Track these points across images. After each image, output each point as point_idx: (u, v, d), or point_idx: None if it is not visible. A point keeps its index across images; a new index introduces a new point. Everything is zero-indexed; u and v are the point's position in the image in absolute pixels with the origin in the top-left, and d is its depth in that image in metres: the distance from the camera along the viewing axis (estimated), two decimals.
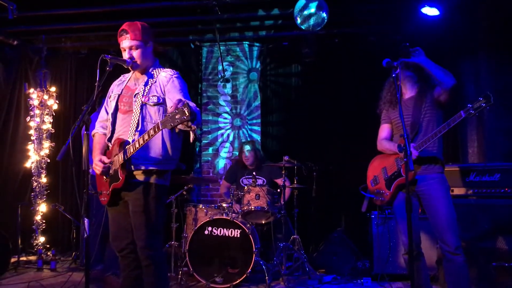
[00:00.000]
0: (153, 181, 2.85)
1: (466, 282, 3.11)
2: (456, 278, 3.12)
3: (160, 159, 2.85)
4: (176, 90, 2.86)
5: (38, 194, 6.00)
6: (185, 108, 2.35)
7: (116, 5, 5.26)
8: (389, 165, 3.39)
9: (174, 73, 2.97)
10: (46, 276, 4.95)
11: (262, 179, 5.44)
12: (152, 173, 2.85)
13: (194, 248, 4.50)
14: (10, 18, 4.74)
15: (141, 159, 2.83)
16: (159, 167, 2.85)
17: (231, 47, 6.50)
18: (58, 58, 6.68)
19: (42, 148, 6.05)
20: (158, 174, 2.87)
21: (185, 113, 2.34)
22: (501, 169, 3.95)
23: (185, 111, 2.34)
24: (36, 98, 6.08)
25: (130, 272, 2.96)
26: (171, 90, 2.86)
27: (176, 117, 2.38)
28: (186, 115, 2.34)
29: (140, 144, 2.69)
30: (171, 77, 2.92)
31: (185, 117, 2.34)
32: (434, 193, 3.17)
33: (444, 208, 3.12)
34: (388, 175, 3.38)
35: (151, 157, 2.84)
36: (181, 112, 2.36)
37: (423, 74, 3.28)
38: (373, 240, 4.80)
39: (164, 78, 2.92)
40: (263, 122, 6.47)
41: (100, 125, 3.10)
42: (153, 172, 2.85)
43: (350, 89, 6.03)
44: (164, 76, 2.93)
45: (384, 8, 5.32)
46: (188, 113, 2.34)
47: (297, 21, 4.91)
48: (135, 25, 2.92)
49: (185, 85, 2.97)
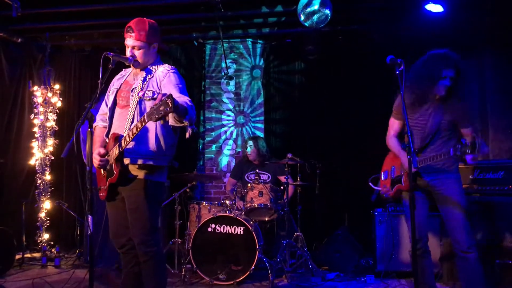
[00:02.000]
0: (146, 177, 2.86)
1: (480, 278, 3.10)
2: (470, 275, 3.12)
3: (153, 154, 2.85)
4: (171, 85, 2.86)
5: (42, 192, 6.01)
6: (168, 99, 2.34)
7: (120, 3, 5.26)
8: (397, 167, 3.40)
9: (171, 68, 2.97)
10: (50, 273, 4.97)
11: (267, 175, 5.45)
12: (145, 168, 2.86)
13: (197, 245, 4.51)
14: (14, 15, 4.75)
15: (134, 153, 2.84)
16: (152, 162, 2.85)
17: (234, 44, 6.49)
18: (62, 55, 6.69)
19: (46, 145, 6.06)
20: (151, 170, 2.87)
21: (168, 104, 2.34)
22: (505, 167, 3.93)
23: (168, 102, 2.34)
24: (40, 96, 6.09)
25: (131, 268, 2.98)
26: (167, 85, 2.86)
27: (160, 108, 2.37)
28: (169, 106, 2.33)
29: (130, 138, 2.70)
30: (168, 72, 2.92)
31: (168, 108, 2.34)
32: (449, 193, 3.16)
33: (459, 208, 3.12)
34: (394, 176, 3.39)
35: (144, 151, 2.85)
36: (165, 104, 2.35)
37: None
38: (376, 238, 4.80)
39: (160, 73, 2.93)
40: (266, 119, 6.47)
41: (100, 118, 3.12)
42: (146, 167, 2.86)
43: (353, 86, 6.01)
44: (161, 71, 2.93)
45: (388, 5, 5.30)
46: (171, 104, 2.33)
47: (301, 18, 4.90)
48: (143, 24, 2.90)
49: (182, 80, 2.96)
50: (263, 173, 5.46)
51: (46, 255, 5.45)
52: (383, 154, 5.58)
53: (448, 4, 4.95)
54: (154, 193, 2.90)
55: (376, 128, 4.63)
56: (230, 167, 6.32)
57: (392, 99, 3.50)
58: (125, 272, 3.03)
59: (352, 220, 5.77)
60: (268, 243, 5.04)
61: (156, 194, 2.93)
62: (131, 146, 2.82)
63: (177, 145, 3.06)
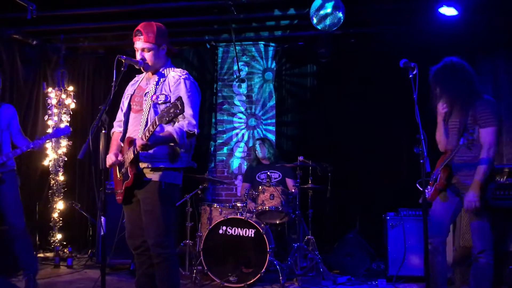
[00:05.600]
0: (161, 179, 2.87)
1: (487, 284, 3.17)
2: (478, 278, 3.22)
3: (167, 157, 2.87)
4: (181, 94, 2.86)
5: (55, 192, 6.08)
6: (178, 101, 2.41)
7: (133, 5, 5.29)
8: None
9: (182, 74, 2.97)
10: (62, 273, 5.02)
11: (277, 173, 5.45)
12: (160, 171, 2.88)
13: (208, 247, 4.52)
14: (29, 18, 4.80)
15: (149, 157, 2.86)
16: (166, 165, 2.87)
17: (246, 47, 6.50)
18: (76, 57, 6.76)
19: (59, 146, 6.13)
20: (166, 172, 2.89)
21: (178, 107, 2.41)
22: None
23: (178, 105, 2.41)
24: (54, 97, 6.17)
25: (145, 270, 3.00)
26: (176, 93, 2.88)
27: (171, 111, 2.43)
28: (179, 108, 2.41)
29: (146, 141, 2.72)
30: (179, 78, 2.93)
31: (178, 110, 2.41)
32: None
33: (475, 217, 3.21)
34: (433, 177, 3.41)
35: (158, 154, 2.86)
36: (175, 106, 2.42)
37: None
38: (388, 242, 4.77)
39: (172, 78, 2.94)
40: (277, 122, 6.47)
41: (117, 124, 3.16)
42: (161, 170, 2.87)
43: (366, 89, 5.98)
44: (172, 76, 2.95)
45: (401, 8, 5.26)
46: (180, 106, 2.41)
47: (313, 21, 4.89)
48: (151, 26, 2.93)
49: (193, 85, 2.96)
50: (274, 171, 5.46)
51: (58, 255, 5.50)
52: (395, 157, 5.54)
53: (461, 7, 4.91)
54: (169, 195, 2.92)
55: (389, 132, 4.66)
56: (241, 170, 6.33)
57: (405, 102, 3.48)
58: (139, 274, 3.06)
59: (364, 224, 5.74)
60: (279, 246, 5.03)
61: (170, 196, 2.94)
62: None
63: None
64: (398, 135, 5.84)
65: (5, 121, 4.16)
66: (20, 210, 4.17)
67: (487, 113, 3.17)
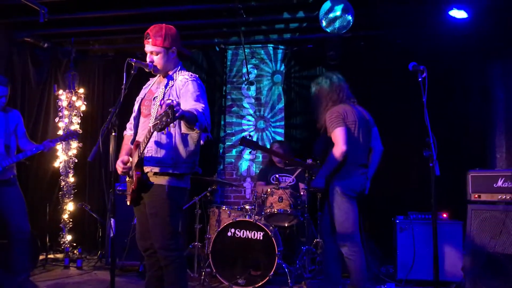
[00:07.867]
0: (166, 183, 2.88)
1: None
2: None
3: (170, 163, 2.88)
4: (188, 93, 2.88)
5: (65, 193, 6.13)
6: (169, 109, 2.38)
7: (143, 8, 5.33)
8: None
9: (190, 76, 2.97)
10: (72, 274, 5.05)
11: (291, 177, 5.45)
12: (164, 176, 2.89)
13: (217, 250, 4.53)
14: (41, 21, 4.86)
15: (153, 162, 2.88)
16: (170, 170, 2.88)
17: (255, 50, 6.52)
18: (87, 60, 6.83)
19: (70, 148, 6.18)
20: (171, 177, 2.90)
21: (169, 115, 2.39)
22: None
23: (169, 113, 2.39)
24: (65, 100, 6.22)
25: (155, 272, 3.02)
26: (184, 94, 2.89)
27: (163, 119, 2.42)
28: (169, 117, 2.38)
29: (143, 147, 2.79)
30: (187, 81, 2.93)
31: (169, 119, 2.39)
32: None
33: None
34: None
35: (162, 159, 2.88)
36: (166, 114, 2.40)
37: None
38: (397, 245, 4.74)
39: (180, 82, 2.95)
40: (286, 124, 6.47)
41: (129, 127, 3.19)
42: (165, 175, 2.89)
43: (375, 92, 5.96)
44: (180, 80, 2.95)
45: (410, 11, 5.24)
46: (171, 114, 2.37)
47: (322, 24, 4.89)
48: (160, 29, 2.94)
49: (201, 87, 2.96)
50: (287, 175, 5.46)
51: (68, 256, 5.54)
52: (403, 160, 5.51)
53: (472, 9, 4.88)
54: (174, 199, 2.92)
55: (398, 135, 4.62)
56: (250, 172, 6.34)
57: (415, 104, 3.46)
58: (148, 275, 3.08)
59: (373, 227, 5.70)
60: (288, 248, 5.02)
61: (176, 199, 2.94)
62: (150, 154, 2.88)
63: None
64: (408, 138, 5.81)
65: (13, 125, 4.29)
66: (26, 213, 4.23)
67: None
